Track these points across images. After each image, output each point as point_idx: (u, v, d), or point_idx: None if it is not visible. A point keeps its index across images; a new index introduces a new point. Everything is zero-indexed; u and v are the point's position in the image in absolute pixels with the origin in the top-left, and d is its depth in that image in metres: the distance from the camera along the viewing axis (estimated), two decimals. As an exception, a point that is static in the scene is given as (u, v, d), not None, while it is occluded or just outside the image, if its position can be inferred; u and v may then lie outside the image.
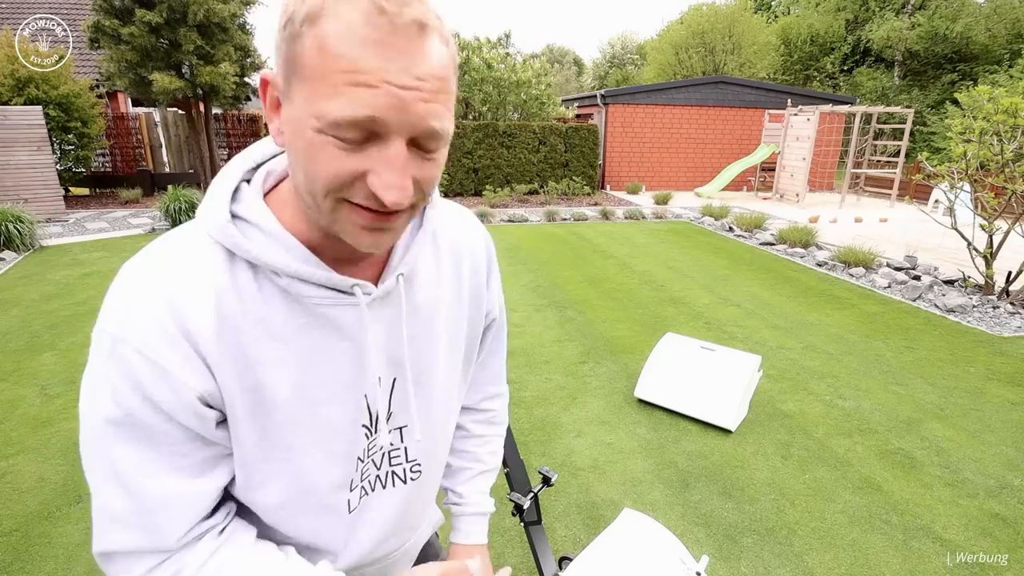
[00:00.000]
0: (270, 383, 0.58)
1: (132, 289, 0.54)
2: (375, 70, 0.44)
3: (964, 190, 5.97)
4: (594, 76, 43.56)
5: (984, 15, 22.89)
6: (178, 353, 0.53)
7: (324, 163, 0.48)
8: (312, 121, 0.47)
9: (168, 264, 0.55)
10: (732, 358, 3.11)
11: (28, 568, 2.00)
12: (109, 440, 0.54)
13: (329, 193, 0.50)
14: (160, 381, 0.53)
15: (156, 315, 0.53)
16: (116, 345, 0.52)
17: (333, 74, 0.45)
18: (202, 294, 0.54)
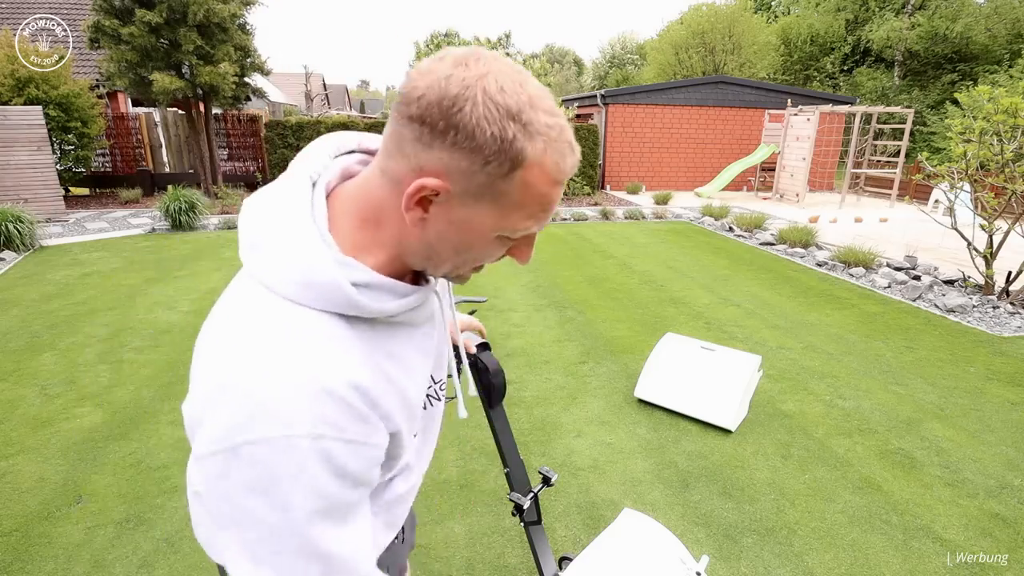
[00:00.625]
0: (413, 396, 0.68)
1: (300, 385, 0.54)
2: (555, 195, 0.58)
3: (964, 190, 5.97)
4: (594, 76, 43.56)
5: (984, 15, 22.89)
6: (368, 424, 0.58)
7: (489, 253, 0.62)
8: (499, 230, 0.59)
9: (314, 349, 0.56)
10: (732, 358, 3.11)
11: (28, 568, 2.00)
12: (313, 528, 0.55)
13: (455, 267, 0.63)
14: (359, 455, 0.57)
15: (344, 398, 0.55)
16: (316, 442, 0.53)
17: (531, 204, 0.57)
18: (360, 361, 0.58)
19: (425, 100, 0.52)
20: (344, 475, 0.55)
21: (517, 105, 0.52)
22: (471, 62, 0.53)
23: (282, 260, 0.58)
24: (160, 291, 5.22)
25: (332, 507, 0.55)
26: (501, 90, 0.52)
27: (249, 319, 0.57)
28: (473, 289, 5.47)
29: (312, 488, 0.53)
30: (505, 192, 0.55)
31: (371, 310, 0.59)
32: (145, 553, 2.08)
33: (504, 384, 1.49)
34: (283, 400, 0.53)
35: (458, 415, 0.95)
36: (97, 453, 2.70)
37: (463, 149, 0.52)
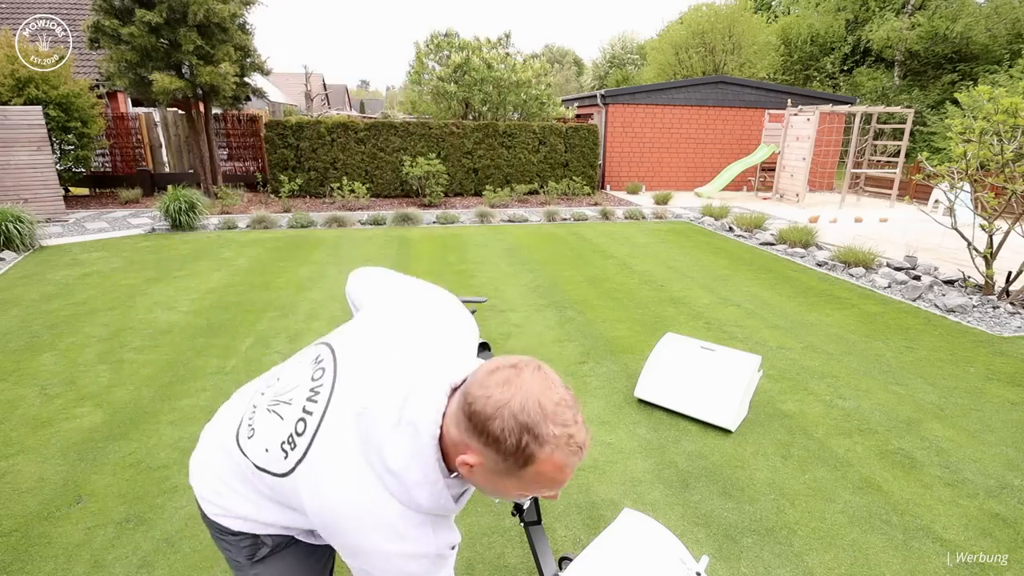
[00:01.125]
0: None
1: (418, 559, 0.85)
2: (563, 480, 0.80)
3: (964, 190, 5.97)
4: (594, 76, 43.54)
5: (984, 15, 22.87)
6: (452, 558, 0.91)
7: (518, 498, 0.93)
8: (521, 494, 0.84)
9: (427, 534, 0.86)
10: (732, 358, 3.11)
11: (28, 568, 2.00)
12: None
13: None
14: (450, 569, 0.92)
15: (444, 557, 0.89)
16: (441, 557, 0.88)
17: (543, 484, 0.80)
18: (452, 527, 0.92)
19: (473, 408, 0.77)
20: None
21: (533, 421, 0.75)
22: (512, 381, 0.77)
23: (418, 496, 0.84)
24: (160, 291, 5.22)
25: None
26: (523, 410, 0.75)
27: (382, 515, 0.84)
28: (473, 289, 5.47)
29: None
30: (521, 476, 0.78)
31: (448, 512, 0.89)
32: (145, 553, 2.08)
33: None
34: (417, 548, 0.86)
35: None
36: (97, 453, 2.70)
37: (491, 448, 0.77)
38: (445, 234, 8.34)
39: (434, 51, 13.27)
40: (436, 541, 0.85)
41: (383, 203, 11.28)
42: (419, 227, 8.94)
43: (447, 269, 6.24)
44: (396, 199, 11.73)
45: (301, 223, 8.68)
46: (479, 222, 9.43)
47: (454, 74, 12.62)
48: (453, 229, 8.78)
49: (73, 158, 10.06)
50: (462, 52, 12.58)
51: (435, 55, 13.28)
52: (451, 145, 11.88)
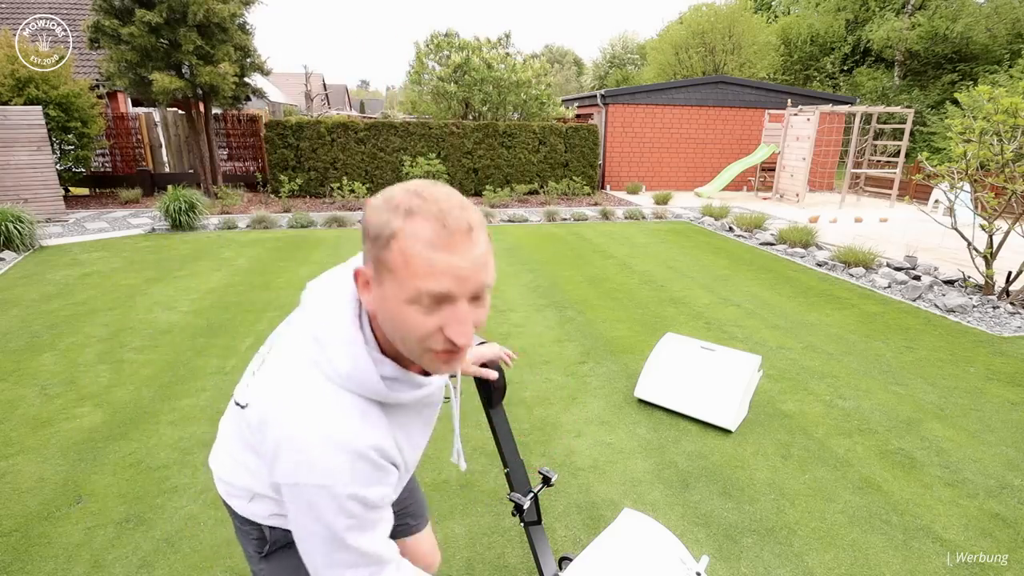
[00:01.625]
0: (410, 456, 0.93)
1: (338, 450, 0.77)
2: (442, 265, 0.67)
3: (964, 190, 5.97)
4: (594, 76, 43.54)
5: (984, 15, 22.88)
6: (385, 471, 0.82)
7: (412, 325, 0.71)
8: (402, 295, 0.69)
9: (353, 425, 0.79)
10: (732, 358, 3.11)
11: (28, 568, 2.00)
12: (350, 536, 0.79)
13: (416, 344, 0.73)
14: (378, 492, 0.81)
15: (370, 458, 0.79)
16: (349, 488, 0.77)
17: (414, 272, 0.67)
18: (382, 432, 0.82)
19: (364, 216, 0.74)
20: (368, 504, 0.80)
21: (401, 199, 0.69)
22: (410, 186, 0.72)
23: (337, 359, 0.78)
24: (160, 291, 5.22)
25: (361, 523, 0.80)
26: (393, 196, 0.70)
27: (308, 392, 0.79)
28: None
29: (346, 514, 0.78)
30: (391, 262, 0.69)
31: (392, 399, 0.82)
32: (145, 553, 2.08)
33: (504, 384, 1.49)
34: (328, 461, 0.76)
35: (459, 466, 1.23)
36: (97, 453, 2.70)
37: (368, 238, 0.72)
38: (445, 234, 8.33)
39: (434, 51, 13.27)
40: (361, 433, 0.78)
41: (383, 203, 11.26)
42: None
43: (447, 269, 6.24)
44: (396, 199, 11.72)
45: (301, 223, 8.68)
46: (479, 222, 9.42)
47: (454, 74, 12.62)
48: (453, 229, 8.77)
49: (73, 158, 10.06)
50: (462, 52, 12.58)
51: (435, 55, 13.28)
52: (451, 145, 11.88)
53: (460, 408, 1.26)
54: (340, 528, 0.78)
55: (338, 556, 0.80)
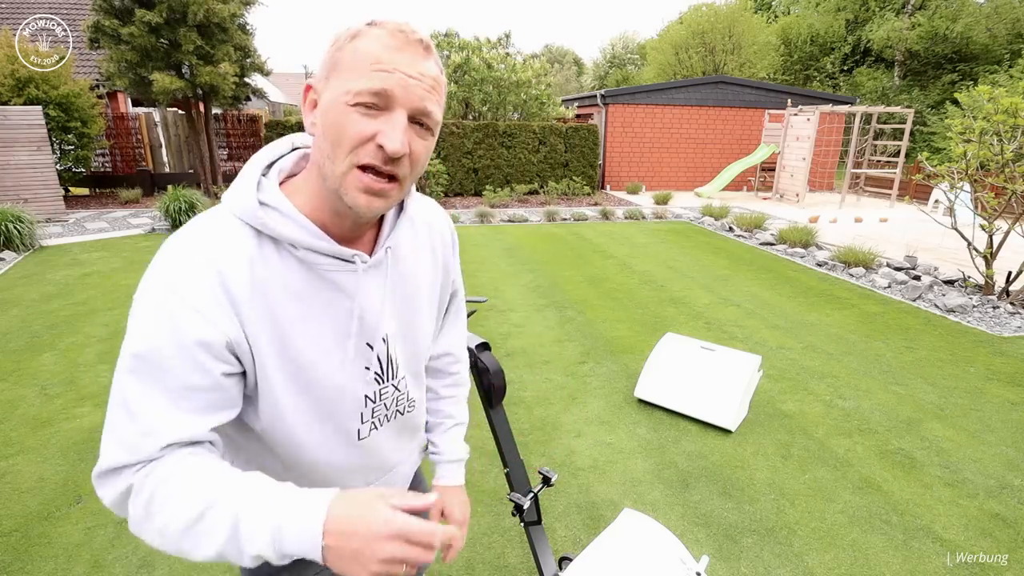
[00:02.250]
0: (293, 332, 0.74)
1: (183, 256, 0.68)
2: (390, 62, 0.67)
3: (964, 190, 5.97)
4: (594, 76, 43.55)
5: (984, 15, 22.87)
6: (218, 307, 0.68)
7: (350, 128, 0.67)
8: (344, 97, 0.67)
9: (211, 239, 0.70)
10: (732, 358, 3.11)
11: (28, 568, 2.00)
12: (129, 372, 0.66)
13: (348, 155, 0.68)
14: (198, 325, 0.66)
15: (205, 276, 0.67)
16: (168, 296, 0.66)
17: (363, 66, 0.67)
18: (239, 263, 0.69)
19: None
20: (178, 336, 0.65)
21: (379, 17, 0.69)
22: None
23: (233, 186, 0.74)
24: (160, 291, 5.22)
25: (154, 360, 0.65)
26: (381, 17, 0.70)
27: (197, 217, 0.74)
28: (473, 289, 5.47)
29: (146, 330, 0.66)
30: (344, 61, 0.68)
31: (268, 226, 0.71)
32: (145, 553, 2.08)
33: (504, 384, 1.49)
34: (167, 261, 0.68)
35: None
36: (97, 453, 2.70)
37: (328, 48, 0.70)
38: (445, 234, 8.33)
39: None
40: (209, 244, 0.69)
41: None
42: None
43: (447, 269, 6.24)
44: (396, 199, 11.73)
45: (301, 223, 8.67)
46: (479, 222, 9.43)
47: (454, 74, 12.62)
48: (453, 229, 8.77)
49: (73, 158, 10.06)
50: (462, 52, 12.58)
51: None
52: (451, 145, 11.88)
53: None
54: (126, 353, 0.66)
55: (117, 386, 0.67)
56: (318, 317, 0.76)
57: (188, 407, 0.68)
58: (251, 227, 0.71)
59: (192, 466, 0.66)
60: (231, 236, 0.70)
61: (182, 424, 0.67)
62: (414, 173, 0.73)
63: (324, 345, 0.77)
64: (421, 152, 0.72)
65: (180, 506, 0.63)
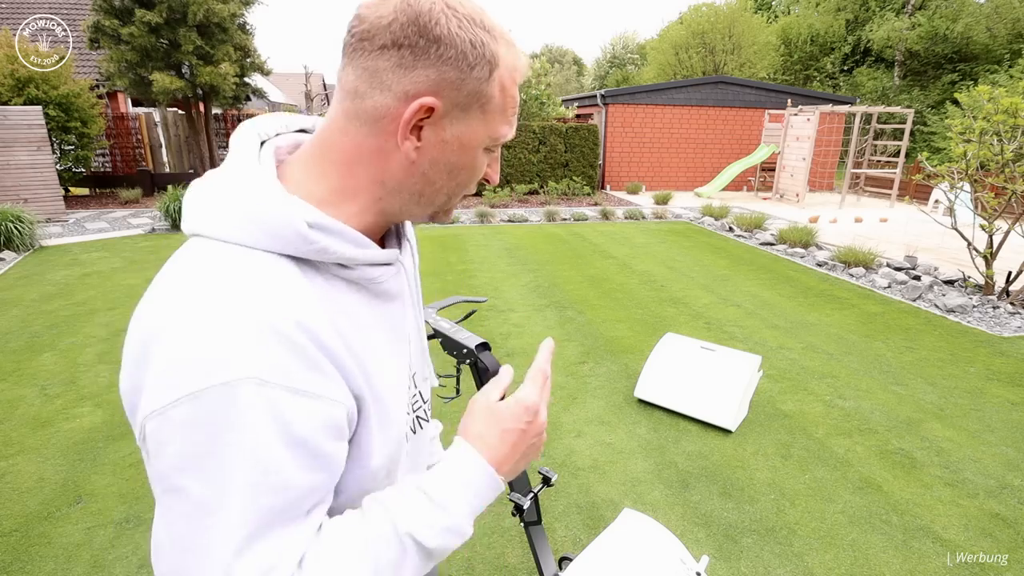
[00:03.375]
0: (373, 370, 0.58)
1: (240, 323, 0.47)
2: (516, 102, 0.60)
3: (964, 190, 5.97)
4: (594, 76, 43.56)
5: (984, 15, 22.88)
6: (321, 372, 0.51)
7: (479, 169, 0.62)
8: (486, 140, 0.59)
9: (265, 289, 0.50)
10: (732, 358, 3.11)
11: (28, 568, 2.00)
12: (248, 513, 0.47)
13: (456, 190, 0.62)
14: (311, 412, 0.49)
15: (290, 338, 0.49)
16: (262, 389, 0.47)
17: (509, 109, 0.59)
18: (312, 308, 0.52)
19: (398, 23, 0.51)
20: (294, 440, 0.48)
21: (477, 14, 0.54)
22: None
23: (225, 200, 0.53)
24: (160, 291, 5.22)
25: (275, 488, 0.47)
26: (461, 3, 0.54)
27: (186, 265, 0.52)
28: (473, 289, 5.47)
29: (255, 453, 0.46)
30: (490, 96, 0.56)
31: (327, 251, 0.54)
32: (145, 553, 2.08)
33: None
34: (221, 342, 0.46)
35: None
36: (97, 453, 2.70)
37: (449, 60, 0.53)
38: (445, 234, 8.34)
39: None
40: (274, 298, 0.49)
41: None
42: (419, 227, 8.93)
43: (447, 269, 6.24)
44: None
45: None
46: (479, 222, 9.43)
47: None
48: (453, 229, 8.78)
49: (73, 158, 10.06)
50: (462, 52, 12.58)
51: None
52: (451, 145, 11.87)
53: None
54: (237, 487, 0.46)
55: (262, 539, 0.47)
56: (384, 340, 0.63)
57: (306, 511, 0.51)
58: (292, 259, 0.53)
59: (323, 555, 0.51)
60: (280, 278, 0.52)
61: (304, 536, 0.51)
62: None
63: (393, 366, 0.64)
64: None
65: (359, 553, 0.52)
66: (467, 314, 1.71)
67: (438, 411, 3.12)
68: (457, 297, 1.56)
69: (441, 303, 1.64)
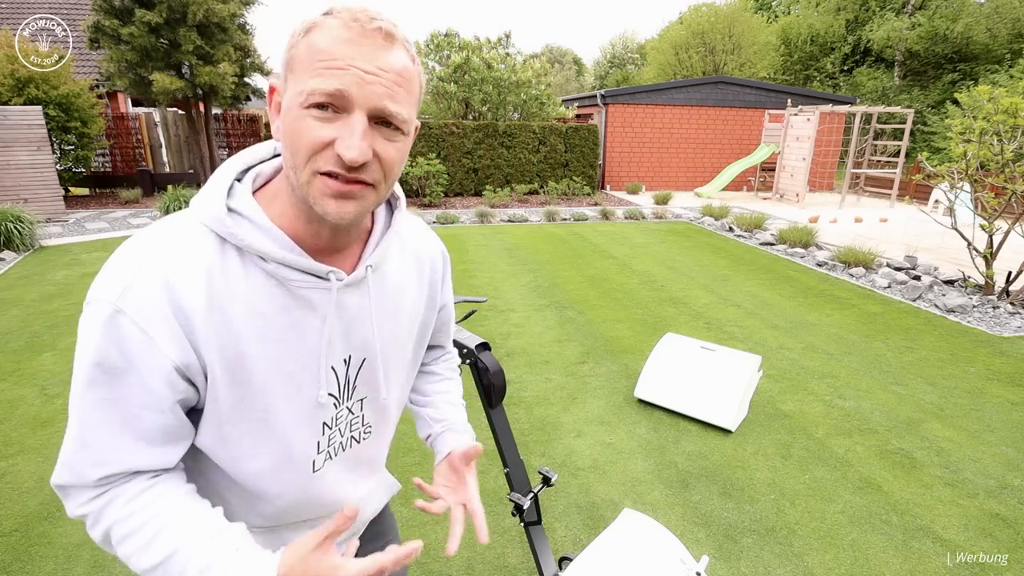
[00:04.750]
0: (250, 353, 0.67)
1: (133, 266, 0.62)
2: (344, 57, 0.60)
3: (964, 190, 5.97)
4: (594, 76, 43.57)
5: (985, 15, 22.87)
6: (167, 327, 0.62)
7: (305, 134, 0.61)
8: (298, 99, 0.61)
9: (166, 247, 0.64)
10: (732, 358, 3.11)
11: (28, 568, 2.00)
12: (87, 385, 0.63)
13: (307, 163, 0.62)
14: (145, 348, 0.62)
15: (153, 293, 0.61)
16: (114, 315, 0.61)
17: (315, 62, 0.60)
18: (195, 275, 0.63)
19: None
20: (127, 356, 0.62)
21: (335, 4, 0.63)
22: None
23: (203, 190, 0.68)
24: (160, 291, 5.22)
25: (106, 379, 0.62)
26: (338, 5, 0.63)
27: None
28: (473, 289, 5.47)
29: (98, 349, 0.62)
30: (297, 58, 0.62)
31: (235, 236, 0.65)
32: (145, 553, 2.07)
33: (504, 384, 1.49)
34: (116, 271, 0.63)
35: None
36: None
37: (286, 48, 0.63)
38: (445, 234, 8.34)
39: (434, 51, 13.28)
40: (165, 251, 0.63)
41: (383, 203, 11.26)
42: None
43: (447, 269, 6.24)
44: (396, 199, 11.72)
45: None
46: (479, 222, 9.43)
47: (454, 74, 12.62)
48: (453, 229, 8.78)
49: (73, 158, 10.06)
50: (462, 52, 12.58)
51: (435, 55, 13.29)
52: (451, 145, 11.88)
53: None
54: (85, 364, 0.63)
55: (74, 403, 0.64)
56: (282, 337, 0.69)
57: (140, 435, 0.65)
58: (217, 236, 0.65)
59: (151, 502, 0.65)
60: (190, 245, 0.64)
61: (133, 455, 0.65)
62: (389, 178, 0.66)
63: (286, 367, 0.70)
64: (391, 155, 0.65)
65: (142, 547, 0.64)
66: (467, 314, 1.71)
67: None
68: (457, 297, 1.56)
69: None
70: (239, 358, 0.66)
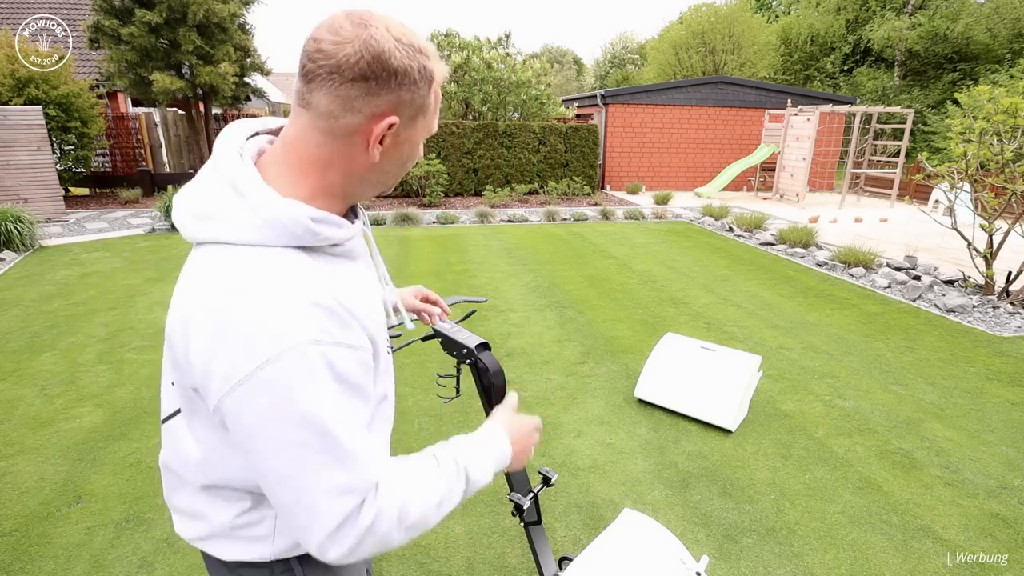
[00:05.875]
0: (369, 315, 0.75)
1: (291, 302, 0.65)
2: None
3: (964, 190, 5.97)
4: (594, 76, 43.57)
5: (985, 15, 22.87)
6: (352, 329, 0.69)
7: (419, 155, 0.80)
8: (425, 133, 0.77)
9: (297, 275, 0.67)
10: (732, 358, 3.11)
11: (28, 568, 2.00)
12: (335, 426, 0.65)
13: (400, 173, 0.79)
14: (352, 358, 0.68)
15: (328, 307, 0.67)
16: (317, 347, 0.64)
17: (438, 107, 0.76)
18: (332, 281, 0.70)
19: (364, 61, 0.65)
20: (343, 379, 0.66)
21: (415, 40, 0.69)
22: (368, 20, 0.66)
23: (239, 212, 0.68)
24: (160, 291, 5.22)
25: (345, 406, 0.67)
26: (401, 35, 0.68)
27: (224, 270, 0.67)
28: (473, 289, 5.47)
29: (324, 393, 0.64)
30: (429, 104, 0.73)
31: (327, 237, 0.71)
32: (145, 553, 2.08)
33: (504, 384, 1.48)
34: (281, 317, 0.63)
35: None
36: (97, 453, 2.70)
37: (404, 85, 0.68)
38: (445, 234, 8.34)
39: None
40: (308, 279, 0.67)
41: (383, 203, 11.28)
42: (419, 227, 8.94)
43: (447, 269, 6.24)
44: (396, 199, 11.73)
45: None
46: (479, 222, 9.43)
47: (454, 74, 12.62)
48: (453, 229, 8.78)
49: (73, 158, 10.06)
50: (462, 52, 12.58)
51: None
52: (451, 145, 11.88)
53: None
54: (324, 409, 0.64)
55: (326, 474, 0.64)
56: (366, 291, 0.79)
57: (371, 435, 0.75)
58: (296, 249, 0.69)
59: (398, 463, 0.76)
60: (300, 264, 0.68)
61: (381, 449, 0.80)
62: None
63: (379, 310, 0.82)
64: None
65: (426, 500, 0.74)
66: (467, 314, 1.71)
67: (438, 411, 3.13)
68: (457, 297, 1.56)
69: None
70: (370, 323, 0.75)
